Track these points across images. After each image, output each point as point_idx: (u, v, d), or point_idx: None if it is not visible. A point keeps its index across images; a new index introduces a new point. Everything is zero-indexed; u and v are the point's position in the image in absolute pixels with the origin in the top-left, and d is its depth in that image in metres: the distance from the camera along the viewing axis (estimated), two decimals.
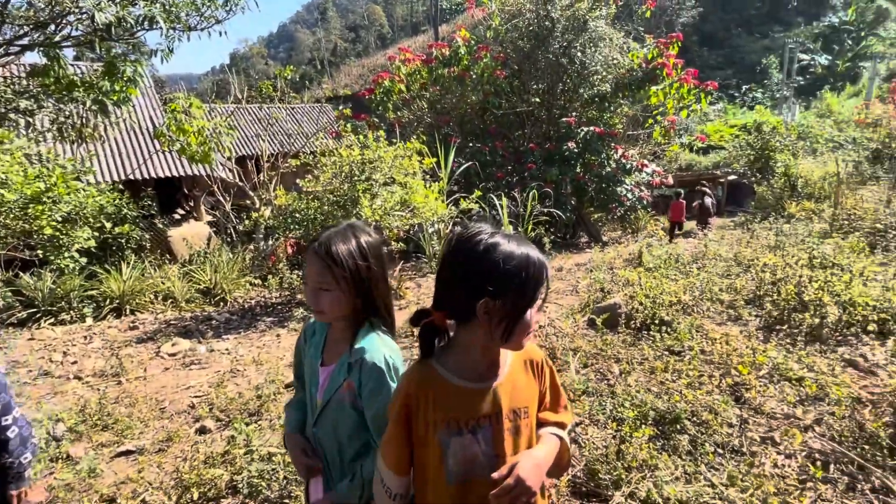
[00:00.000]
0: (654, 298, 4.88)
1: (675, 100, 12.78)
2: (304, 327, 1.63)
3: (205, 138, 8.10)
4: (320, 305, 1.39)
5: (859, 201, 8.34)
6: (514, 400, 1.23)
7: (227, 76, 12.45)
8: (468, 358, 1.20)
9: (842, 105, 24.59)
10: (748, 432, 2.89)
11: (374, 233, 1.48)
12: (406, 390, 1.20)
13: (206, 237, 12.82)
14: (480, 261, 1.10)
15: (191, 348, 5.74)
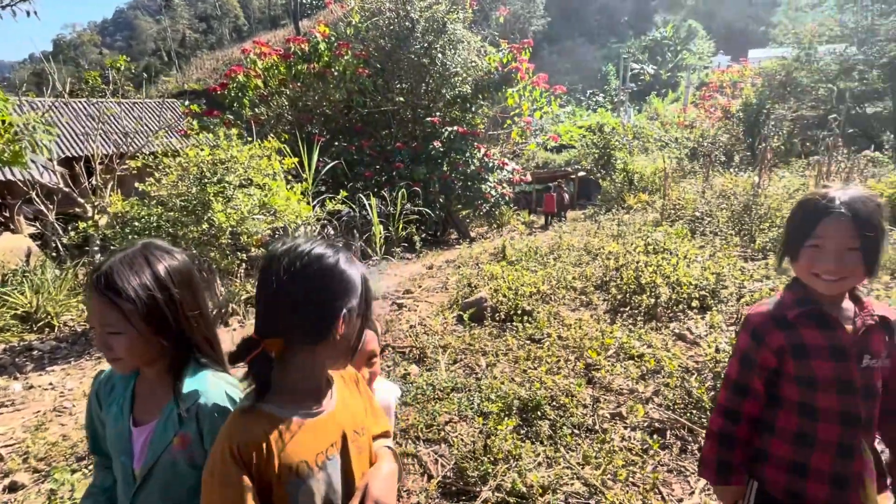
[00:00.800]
0: (516, 290, 5.12)
1: (529, 102, 13.65)
2: (95, 383, 1.28)
3: (13, 136, 6.84)
4: (114, 352, 1.12)
5: (682, 193, 9.61)
6: (353, 420, 1.14)
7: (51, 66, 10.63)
8: (306, 386, 1.08)
9: (666, 109, 28.27)
10: (600, 410, 3.13)
11: (178, 254, 1.23)
12: (231, 450, 0.97)
13: (25, 252, 10.91)
14: (333, 276, 1.02)
15: (1, 387, 4.80)
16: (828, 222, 1.25)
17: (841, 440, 1.28)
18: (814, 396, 1.30)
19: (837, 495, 1.29)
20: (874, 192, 1.32)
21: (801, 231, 1.30)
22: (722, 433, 1.43)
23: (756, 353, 1.36)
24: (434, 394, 3.36)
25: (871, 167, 8.41)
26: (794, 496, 1.33)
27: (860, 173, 7.85)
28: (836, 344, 1.28)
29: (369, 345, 1.60)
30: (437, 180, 11.70)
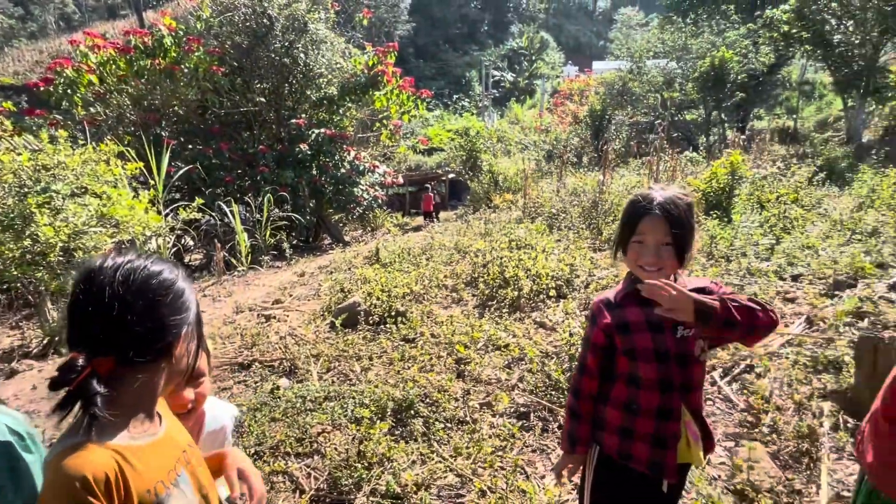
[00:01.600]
0: (389, 292, 5.14)
1: (397, 105, 13.76)
2: None
3: None
4: None
5: (540, 192, 10.37)
6: (183, 434, 1.12)
7: None
8: (143, 407, 1.00)
9: (525, 114, 30.34)
10: (470, 402, 3.26)
11: None
12: (80, 487, 0.86)
13: None
14: (174, 293, 0.99)
15: None
16: (646, 221, 1.44)
17: (660, 405, 1.47)
18: (637, 367, 1.48)
19: (658, 453, 1.48)
20: (687, 192, 1.54)
21: (628, 228, 1.49)
22: (571, 408, 1.61)
23: (592, 334, 1.54)
24: (305, 405, 3.25)
25: (690, 165, 9.85)
26: (625, 456, 1.51)
27: (682, 171, 9.14)
28: (653, 319, 1.45)
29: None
30: (307, 184, 11.32)
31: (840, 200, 7.26)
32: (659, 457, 1.48)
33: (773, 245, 5.57)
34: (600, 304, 1.55)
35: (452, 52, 55.03)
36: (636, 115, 18.47)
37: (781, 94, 20.76)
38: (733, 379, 3.35)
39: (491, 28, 60.26)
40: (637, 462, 1.49)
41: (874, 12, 12.90)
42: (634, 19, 38.19)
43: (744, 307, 1.34)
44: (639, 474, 1.50)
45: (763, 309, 1.36)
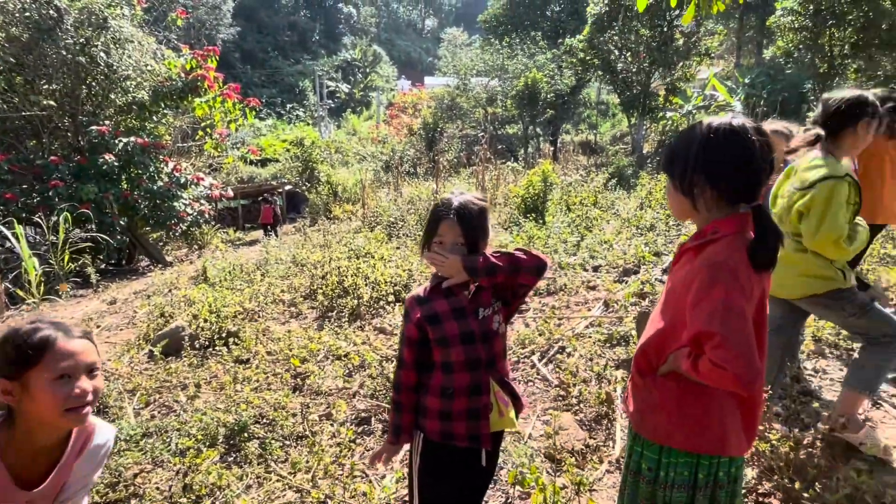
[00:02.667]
0: (218, 312, 4.79)
1: (221, 113, 12.83)
2: None
3: None
4: None
5: (379, 201, 10.54)
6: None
7: None
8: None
9: (362, 125, 30.50)
10: (310, 416, 3.20)
11: None
12: None
13: None
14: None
15: None
16: (443, 224, 1.62)
17: (471, 383, 1.65)
18: (449, 353, 1.63)
19: (474, 426, 1.66)
20: (483, 198, 1.73)
21: (431, 230, 1.65)
22: (394, 402, 1.71)
23: (406, 329, 1.67)
24: (117, 447, 2.88)
25: (512, 174, 10.87)
26: (447, 436, 1.66)
27: (504, 179, 10.06)
28: (457, 306, 1.65)
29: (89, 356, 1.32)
30: (115, 199, 9.96)
31: (628, 202, 8.62)
32: (475, 429, 1.65)
33: (578, 242, 6.41)
34: (412, 301, 1.68)
35: (283, 60, 53.10)
36: (465, 128, 19.77)
37: (584, 111, 23.94)
38: (549, 360, 3.79)
39: (323, 38, 59.50)
40: (458, 438, 1.65)
41: (644, 47, 15.64)
42: (459, 39, 40.86)
43: (504, 254, 1.60)
44: (460, 451, 1.66)
45: (526, 253, 1.62)
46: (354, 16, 65.36)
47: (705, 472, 1.41)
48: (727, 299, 1.24)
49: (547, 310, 4.61)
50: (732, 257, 1.28)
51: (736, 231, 1.32)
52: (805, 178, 2.27)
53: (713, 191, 1.34)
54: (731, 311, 1.23)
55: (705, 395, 1.39)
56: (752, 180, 1.32)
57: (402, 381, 1.68)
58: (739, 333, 1.21)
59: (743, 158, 1.30)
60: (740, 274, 1.26)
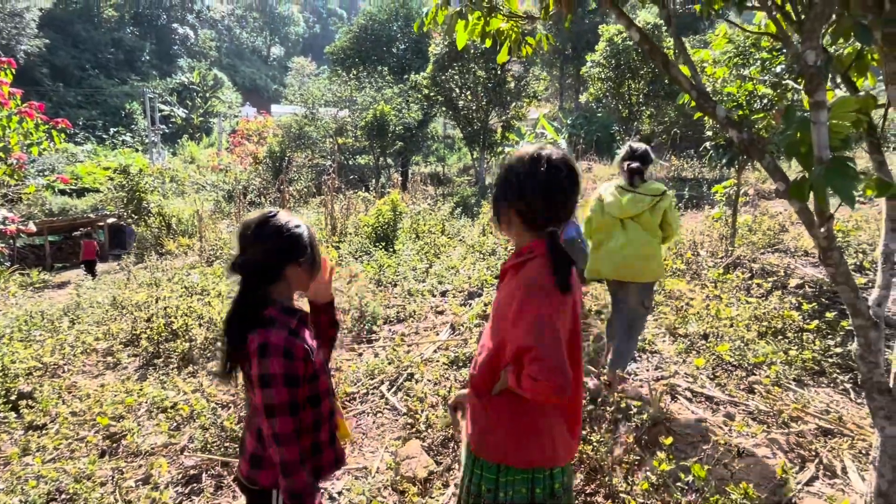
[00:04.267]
0: (5, 371, 3.97)
1: (19, 135, 10.95)
2: None
3: None
4: None
5: (220, 234, 9.76)
6: None
7: None
8: None
9: (201, 152, 28.24)
10: (123, 483, 2.76)
11: None
12: None
13: None
14: None
15: None
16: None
17: (331, 408, 1.58)
18: (318, 384, 1.51)
19: (333, 450, 1.59)
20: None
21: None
22: (302, 458, 1.43)
23: (294, 369, 1.40)
24: None
25: (362, 204, 10.87)
26: (316, 471, 1.53)
27: (356, 209, 10.02)
28: (314, 334, 1.58)
29: None
30: None
31: (472, 229, 9.11)
32: (338, 451, 1.60)
33: (427, 268, 6.58)
34: (287, 337, 1.42)
35: (106, 79, 47.42)
36: (315, 158, 19.38)
37: (432, 144, 25.01)
38: (398, 389, 3.78)
39: (154, 58, 54.50)
40: (328, 468, 1.56)
41: (482, 87, 16.98)
42: (308, 68, 40.35)
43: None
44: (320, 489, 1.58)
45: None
46: (192, 38, 61.10)
47: (541, 486, 1.46)
48: (539, 314, 1.31)
49: (396, 337, 4.63)
50: (543, 275, 1.36)
51: (547, 251, 1.40)
52: (651, 190, 3.16)
53: (516, 214, 1.45)
54: (545, 325, 1.30)
55: (534, 410, 1.45)
56: (552, 205, 1.41)
57: (304, 425, 1.53)
58: (551, 346, 1.29)
59: (543, 185, 1.40)
60: (552, 290, 1.35)
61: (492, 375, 1.51)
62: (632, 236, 3.20)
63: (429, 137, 22.05)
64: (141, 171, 14.74)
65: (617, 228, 3.26)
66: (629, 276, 3.24)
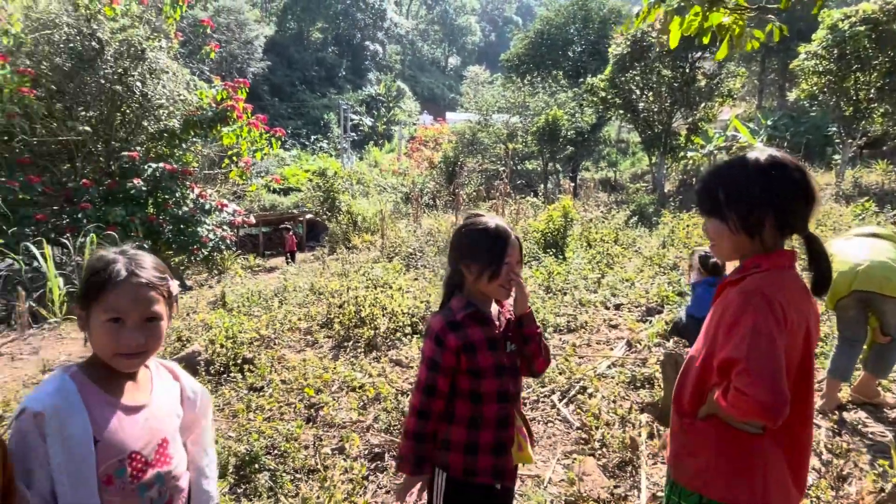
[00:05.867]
0: (235, 338, 4.76)
1: (248, 142, 13.18)
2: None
3: None
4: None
5: (398, 232, 10.59)
6: None
7: None
8: None
9: (383, 158, 31.05)
10: (322, 449, 3.11)
11: None
12: None
13: None
14: None
15: None
16: (511, 245, 1.57)
17: (499, 414, 1.59)
18: (479, 383, 1.57)
19: (498, 461, 1.59)
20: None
21: (500, 252, 1.56)
22: (417, 431, 1.58)
23: (440, 356, 1.55)
24: None
25: (531, 209, 10.87)
26: (470, 472, 1.58)
27: (524, 213, 10.05)
28: (491, 337, 1.60)
29: (149, 305, 1.26)
30: (141, 223, 10.17)
31: (649, 240, 8.51)
32: (500, 464, 1.59)
33: (599, 279, 6.30)
34: (444, 327, 1.56)
35: (310, 94, 54.73)
36: (485, 163, 19.96)
37: (604, 149, 24.05)
38: (569, 401, 3.66)
39: (349, 73, 61.30)
40: (482, 474, 1.58)
41: (666, 87, 15.77)
42: (481, 76, 41.75)
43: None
44: (483, 487, 1.59)
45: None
46: (380, 53, 67.43)
47: None
48: (756, 324, 1.19)
49: (567, 347, 4.50)
50: (768, 286, 1.24)
51: (776, 264, 1.30)
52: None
53: (776, 224, 1.30)
54: (759, 335, 1.18)
55: (745, 440, 1.30)
56: (809, 209, 1.31)
57: (434, 409, 1.58)
58: (765, 357, 1.16)
59: (803, 188, 1.30)
60: (774, 302, 1.21)
61: (696, 396, 1.39)
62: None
63: (601, 142, 21.25)
64: (335, 173, 16.67)
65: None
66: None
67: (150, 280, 1.20)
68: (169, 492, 1.26)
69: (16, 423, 1.11)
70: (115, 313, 1.16)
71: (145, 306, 1.19)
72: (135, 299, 1.18)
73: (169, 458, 1.27)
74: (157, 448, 1.24)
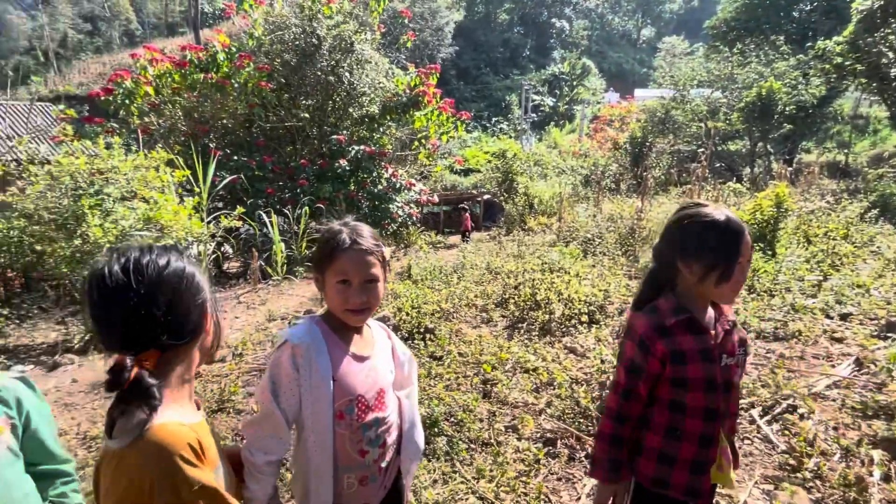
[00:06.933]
0: (419, 308, 5.13)
1: (436, 125, 13.95)
2: None
3: None
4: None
5: (576, 216, 10.26)
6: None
7: None
8: (184, 389, 1.07)
9: (563, 139, 30.27)
10: (496, 424, 3.19)
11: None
12: (178, 461, 0.97)
13: None
14: (189, 276, 1.06)
15: None
16: (745, 242, 1.40)
17: (703, 431, 1.44)
18: (684, 395, 1.44)
19: (695, 479, 1.45)
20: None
21: (734, 249, 1.38)
22: (613, 435, 1.50)
23: (644, 361, 1.44)
24: None
25: (734, 196, 9.58)
26: (660, 483, 1.46)
27: (724, 201, 8.91)
28: (705, 347, 1.43)
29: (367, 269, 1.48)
30: (344, 199, 11.52)
31: (894, 239, 6.90)
32: (696, 482, 1.45)
33: (819, 282, 5.33)
34: (651, 332, 1.43)
35: (493, 76, 55.68)
36: (678, 144, 18.17)
37: (832, 127, 20.08)
38: (774, 419, 3.18)
39: (533, 53, 60.77)
40: (675, 489, 1.46)
41: None
42: (679, 48, 37.85)
43: None
44: (673, 502, 1.48)
45: None
46: (566, 29, 65.36)
47: None
48: None
49: (773, 358, 3.90)
50: None
51: None
52: None
53: None
54: None
55: None
56: None
57: (633, 414, 1.49)
58: None
59: None
60: None
61: None
62: None
63: (829, 118, 17.73)
64: (514, 155, 16.77)
65: None
66: None
67: (369, 247, 1.38)
68: (383, 436, 1.42)
69: (276, 352, 1.36)
70: (343, 276, 1.36)
71: (366, 269, 1.37)
72: (357, 263, 1.36)
73: (385, 406, 1.44)
74: (376, 395, 1.42)
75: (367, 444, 1.39)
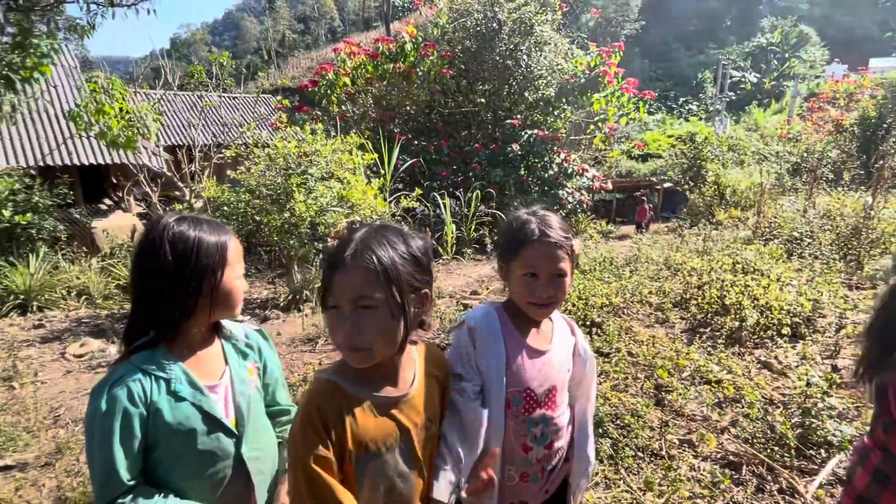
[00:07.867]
0: (586, 300, 4.91)
1: (615, 108, 13.16)
2: (117, 397, 1.12)
3: (128, 121, 7.54)
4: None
5: (780, 210, 8.84)
6: (419, 412, 1.27)
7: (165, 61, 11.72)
8: (381, 367, 1.18)
9: (767, 120, 26.26)
10: (668, 435, 2.91)
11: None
12: (312, 415, 1.08)
13: (131, 229, 12.03)
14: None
15: (101, 349, 5.28)
16: None
17: None
18: None
19: None
20: None
21: None
22: None
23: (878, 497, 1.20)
24: None
25: None
26: None
27: None
28: None
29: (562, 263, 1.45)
30: (514, 183, 11.56)
31: None
32: None
33: None
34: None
35: (684, 52, 50.57)
36: None
37: None
38: None
39: (735, 23, 53.64)
40: None
41: None
42: None
43: None
44: None
45: None
46: None
47: None
48: None
49: None
50: None
51: None
52: None
53: None
54: None
55: None
56: None
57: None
58: None
59: None
60: None
61: None
62: None
63: None
64: (706, 139, 15.06)
65: None
66: None
67: (558, 240, 1.30)
68: (550, 436, 1.36)
69: (456, 331, 1.39)
70: (531, 269, 1.31)
71: (554, 263, 1.31)
72: (545, 256, 1.30)
73: (555, 405, 1.37)
74: (547, 392, 1.36)
75: (532, 441, 1.34)
